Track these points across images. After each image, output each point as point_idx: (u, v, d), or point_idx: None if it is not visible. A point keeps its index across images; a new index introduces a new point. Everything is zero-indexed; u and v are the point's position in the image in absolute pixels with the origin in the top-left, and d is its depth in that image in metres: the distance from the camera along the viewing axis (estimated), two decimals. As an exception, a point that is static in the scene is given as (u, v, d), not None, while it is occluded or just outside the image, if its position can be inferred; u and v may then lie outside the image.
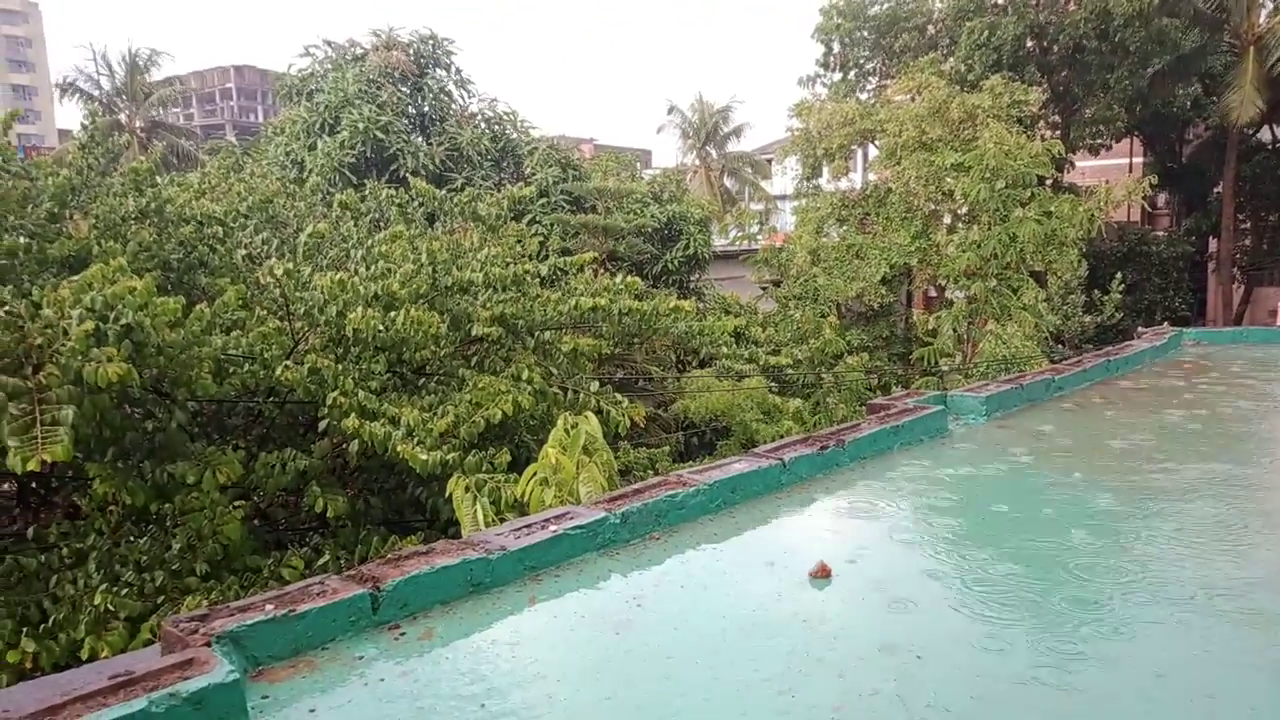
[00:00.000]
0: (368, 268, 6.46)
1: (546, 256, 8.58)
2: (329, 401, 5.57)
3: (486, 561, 2.62)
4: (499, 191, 9.23)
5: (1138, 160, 31.56)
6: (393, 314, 5.91)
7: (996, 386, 4.77)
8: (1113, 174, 28.68)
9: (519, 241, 8.24)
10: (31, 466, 4.16)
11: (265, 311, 6.59)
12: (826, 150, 21.07)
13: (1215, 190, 29.47)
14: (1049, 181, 19.11)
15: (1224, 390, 5.07)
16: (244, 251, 7.21)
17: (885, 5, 27.96)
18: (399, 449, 5.25)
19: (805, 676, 2.01)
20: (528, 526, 2.88)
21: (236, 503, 5.54)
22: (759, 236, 23.29)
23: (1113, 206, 17.77)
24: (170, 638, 1.99)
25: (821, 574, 2.60)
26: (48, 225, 7.14)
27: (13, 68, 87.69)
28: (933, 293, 22.16)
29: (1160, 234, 31.51)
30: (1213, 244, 29.81)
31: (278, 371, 5.69)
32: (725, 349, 10.12)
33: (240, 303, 6.65)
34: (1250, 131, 27.17)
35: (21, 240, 6.65)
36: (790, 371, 15.71)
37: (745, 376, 14.00)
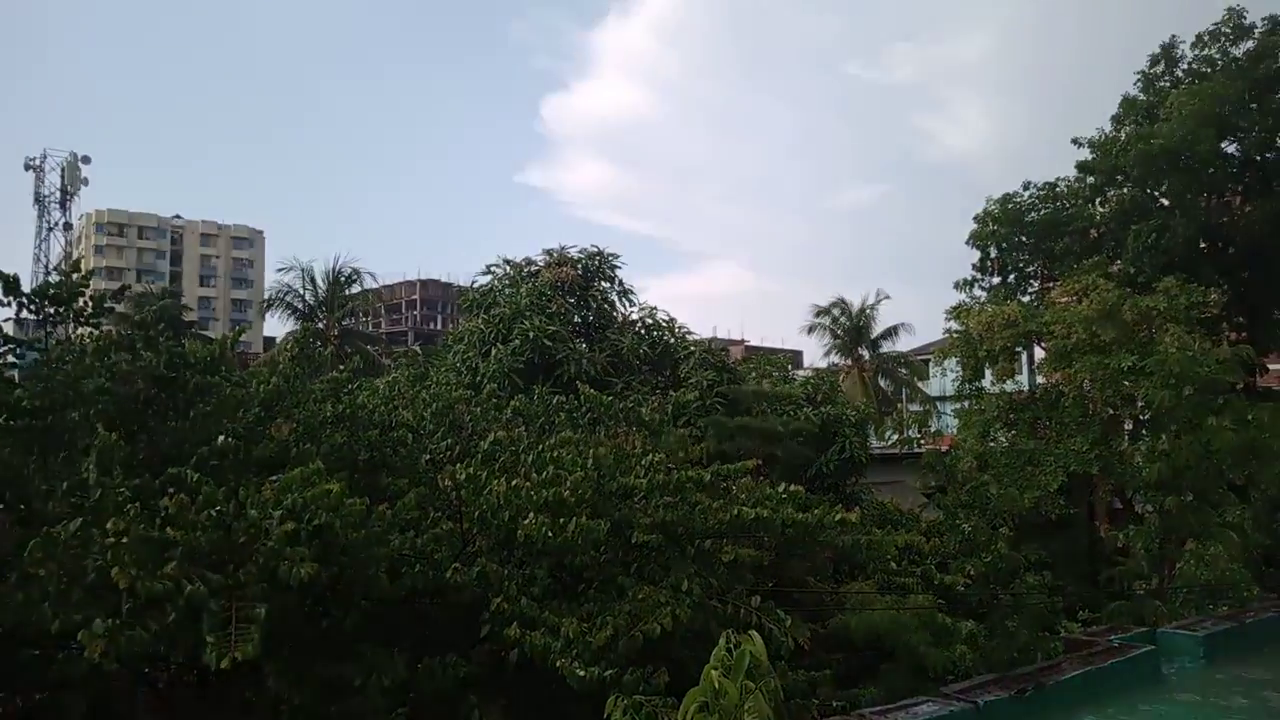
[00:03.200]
0: (538, 473, 6.69)
1: (706, 461, 8.64)
2: (493, 607, 5.62)
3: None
4: (656, 394, 9.50)
5: (1344, 361, 28.85)
6: (562, 521, 6.02)
7: (1213, 624, 4.25)
8: (1317, 377, 26.32)
9: (683, 448, 8.36)
10: (224, 665, 4.36)
11: (439, 513, 6.88)
12: (989, 351, 20.61)
13: None
14: (1240, 386, 17.75)
15: None
16: (427, 456, 7.66)
17: (1044, 211, 28.03)
18: (559, 663, 5.17)
19: None
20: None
21: (399, 709, 5.54)
22: (919, 440, 22.57)
23: (1323, 413, 16.15)
24: None
25: None
26: (255, 428, 7.87)
27: (235, 284, 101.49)
28: (1118, 504, 20.43)
29: (1386, 442, 28.13)
30: None
31: (447, 574, 5.83)
32: (894, 564, 9.53)
33: (418, 505, 6.98)
34: None
35: (231, 442, 7.34)
36: (962, 589, 14.59)
37: (910, 592, 13.09)
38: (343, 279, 42.19)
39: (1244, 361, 16.53)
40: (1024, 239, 28.15)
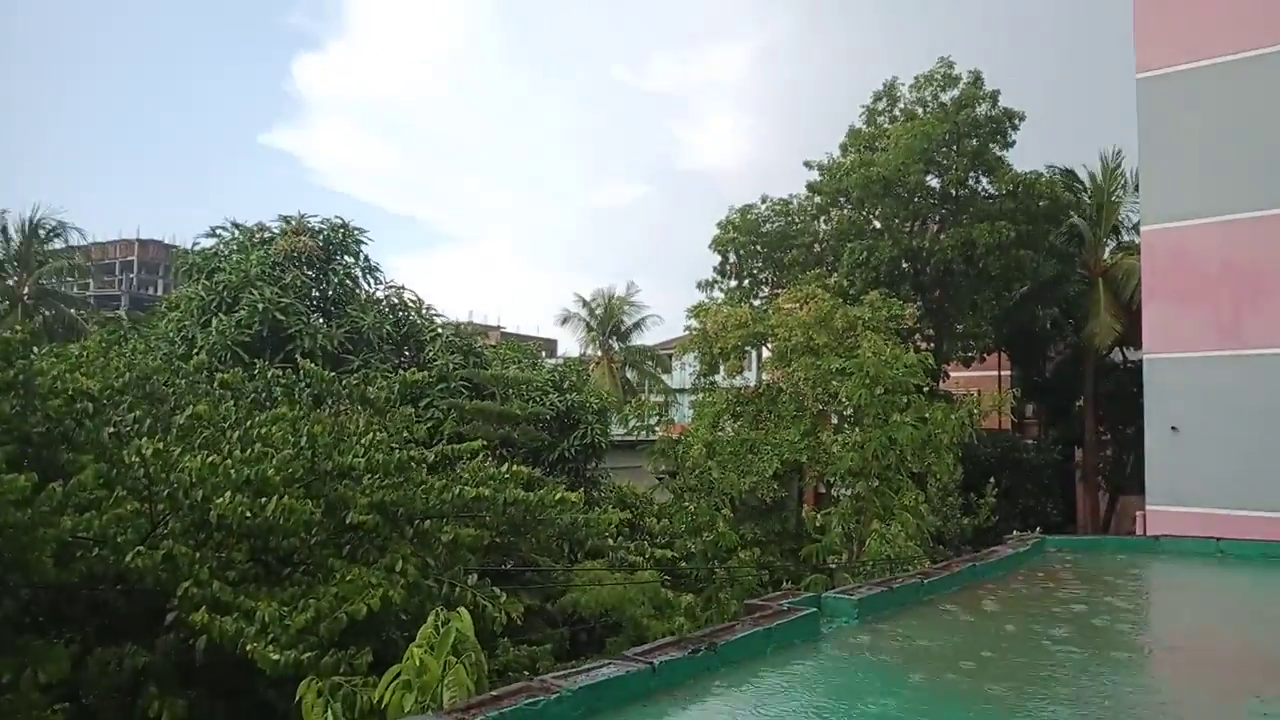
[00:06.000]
0: (243, 450, 6.24)
1: (441, 442, 8.51)
2: (180, 592, 5.18)
3: (320, 778, 2.41)
4: (396, 375, 9.25)
5: (1006, 373, 34.11)
6: (262, 500, 5.66)
7: (869, 589, 4.84)
8: (984, 384, 30.84)
9: (407, 426, 8.16)
10: None
11: (125, 492, 6.22)
12: (722, 349, 22.07)
13: (1077, 403, 31.93)
14: (925, 389, 20.38)
15: (1079, 595, 5.29)
16: (112, 429, 6.88)
17: (776, 224, 30.48)
18: (249, 647, 4.87)
19: None
20: (372, 738, 2.68)
21: (59, 705, 4.95)
22: (657, 428, 23.73)
23: (983, 414, 18.99)
24: None
25: (678, 790, 2.50)
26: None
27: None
28: (822, 490, 22.72)
29: (1030, 442, 33.58)
30: (1078, 453, 31.90)
31: (128, 558, 5.29)
32: (611, 541, 9.95)
33: (101, 482, 6.27)
34: (1105, 352, 29.96)
35: None
36: (683, 565, 15.56)
37: (637, 569, 13.76)
38: (42, 233, 36.79)
39: (928, 367, 18.98)
40: (759, 248, 30.43)
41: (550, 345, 49.46)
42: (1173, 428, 14.37)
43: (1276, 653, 4.19)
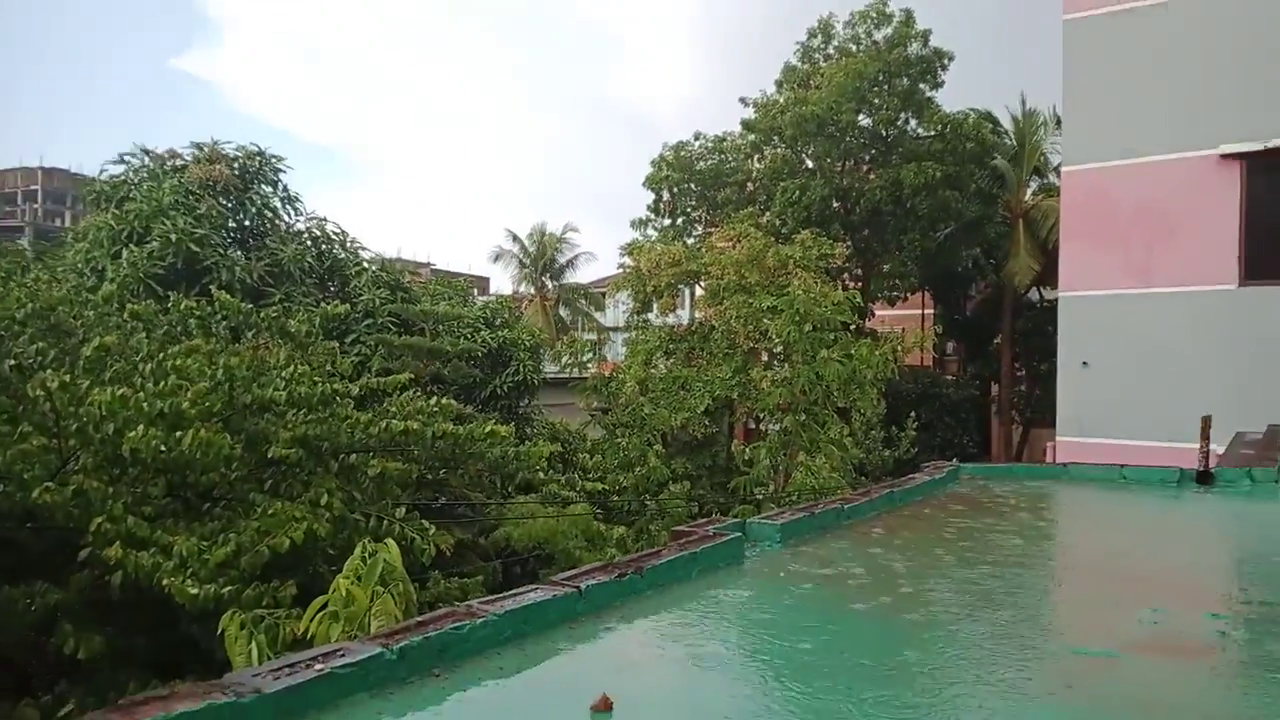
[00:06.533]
0: (156, 384, 6.00)
1: (366, 377, 8.33)
2: (93, 528, 5.01)
3: (236, 706, 2.36)
4: (317, 308, 8.96)
5: (929, 311, 35.03)
6: (178, 434, 5.47)
7: (791, 514, 4.96)
8: (909, 323, 31.62)
9: (331, 360, 7.95)
10: None
11: (31, 428, 5.94)
12: (655, 288, 22.09)
13: (995, 340, 33.06)
14: (852, 327, 20.81)
15: (991, 518, 5.52)
16: (13, 362, 6.53)
17: (710, 162, 30.32)
18: (166, 581, 4.76)
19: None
20: (291, 666, 2.63)
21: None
22: (590, 365, 23.77)
23: (906, 351, 19.52)
24: None
25: (603, 706, 2.54)
26: None
27: None
28: (752, 425, 23.18)
29: (950, 378, 34.76)
30: (994, 389, 33.15)
31: (35, 494, 5.08)
32: (542, 474, 9.99)
33: (4, 417, 5.98)
34: (1023, 291, 30.95)
35: None
36: (615, 498, 15.77)
37: (570, 503, 13.89)
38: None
39: (855, 306, 19.35)
40: (693, 186, 30.31)
41: (482, 283, 48.74)
42: (1083, 363, 15.00)
43: (1168, 568, 4.45)
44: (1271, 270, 13.72)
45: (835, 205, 28.91)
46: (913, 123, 29.14)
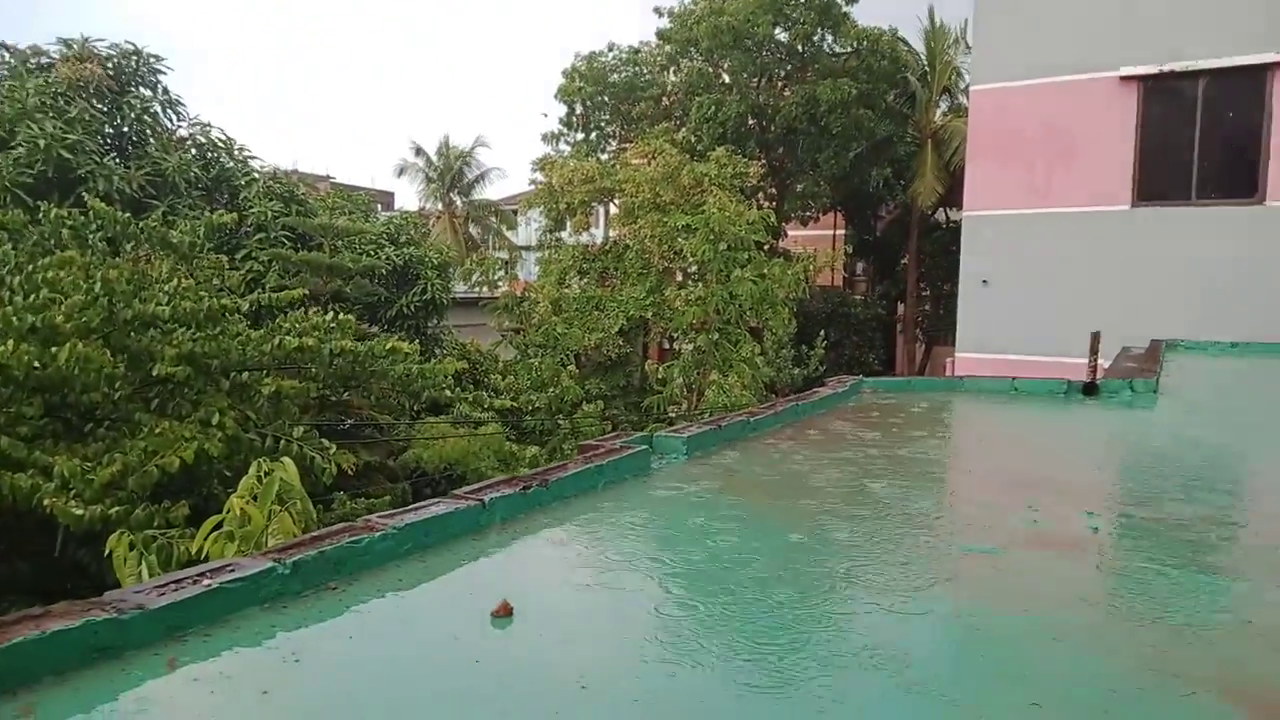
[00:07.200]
0: (26, 297, 5.57)
1: (258, 293, 7.93)
2: (-40, 451, 4.69)
3: (117, 623, 2.24)
4: (202, 218, 8.42)
5: (840, 232, 35.59)
6: (53, 349, 5.11)
7: (697, 427, 5.01)
8: (821, 243, 32.09)
9: (218, 274, 7.52)
10: None
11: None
12: (569, 205, 21.70)
13: (902, 261, 33.92)
14: (766, 247, 20.96)
15: (891, 428, 5.70)
16: None
17: (624, 74, 29.57)
18: (48, 503, 4.51)
19: (466, 718, 1.91)
20: (177, 582, 2.52)
21: None
22: (501, 284, 23.37)
23: (817, 271, 19.84)
24: None
25: (503, 612, 2.52)
26: None
27: None
28: (666, 345, 23.35)
29: (858, 298, 35.63)
30: (900, 308, 34.19)
31: (-108, 416, 4.70)
32: (449, 392, 9.82)
33: None
34: (929, 212, 31.67)
35: None
36: (528, 419, 15.75)
37: (482, 424, 13.80)
38: None
39: (769, 225, 19.45)
40: (606, 99, 29.57)
41: (387, 198, 46.94)
42: (983, 281, 15.53)
43: (1050, 472, 4.69)
44: (1162, 191, 14.35)
45: (751, 122, 28.72)
46: (829, 38, 28.96)
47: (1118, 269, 14.45)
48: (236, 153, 17.08)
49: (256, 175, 16.62)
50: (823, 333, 22.84)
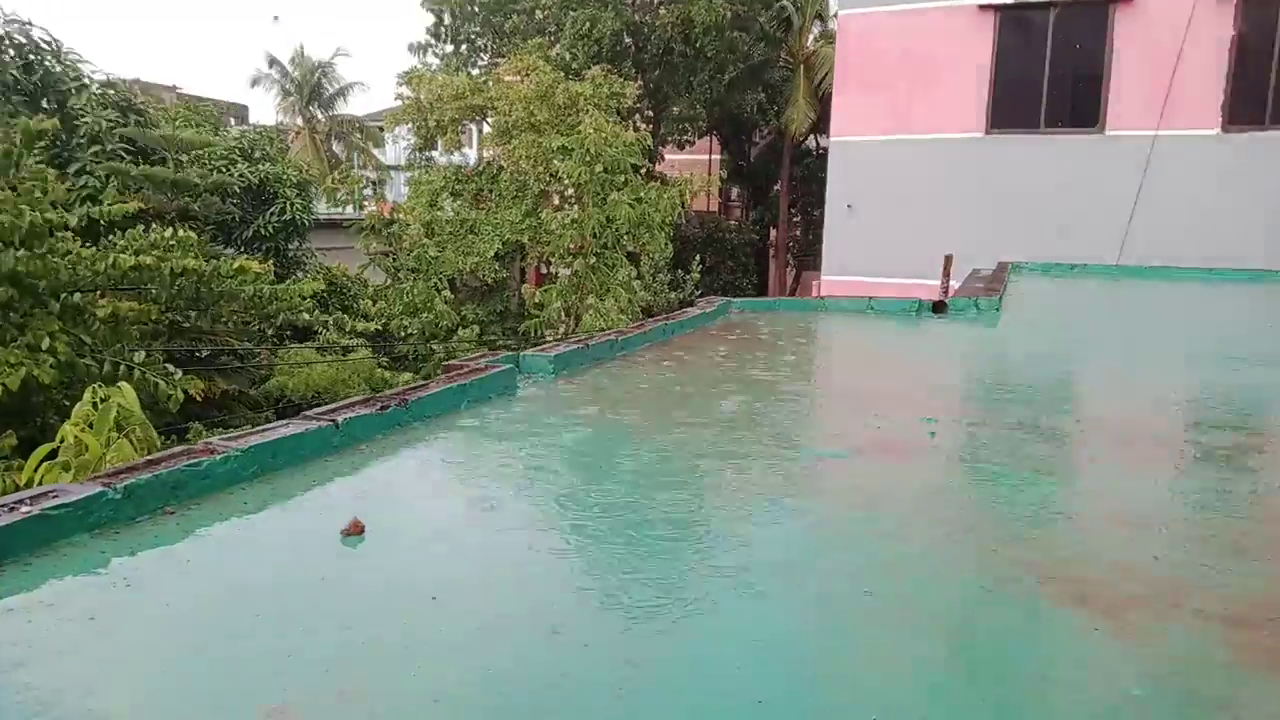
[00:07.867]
0: None
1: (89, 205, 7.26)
2: None
3: (-78, 556, 2.09)
4: (18, 122, 7.54)
5: (716, 156, 35.77)
6: None
7: (565, 347, 5.00)
8: (697, 168, 32.14)
9: (41, 186, 6.82)
10: None
11: None
12: (439, 123, 20.81)
13: (775, 187, 34.50)
14: (643, 170, 20.84)
15: (756, 346, 5.88)
16: None
17: (496, -18, 28.33)
18: None
19: (310, 635, 1.88)
20: (-5, 510, 2.35)
21: None
22: (368, 204, 22.38)
23: (693, 196, 19.92)
24: None
25: (354, 530, 2.48)
26: None
27: None
28: (544, 270, 23.07)
29: (733, 223, 36.14)
30: (773, 233, 34.93)
31: None
32: (307, 315, 9.40)
33: None
34: (801, 139, 32.18)
35: None
36: (401, 345, 15.35)
37: (351, 350, 13.37)
38: None
39: (645, 148, 19.30)
40: (476, 10, 28.30)
41: (241, 111, 43.70)
42: (848, 205, 16.02)
43: (898, 383, 4.96)
44: (1014, 120, 15.06)
45: (627, 41, 28.14)
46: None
47: (972, 195, 15.18)
48: (64, 56, 15.36)
49: (87, 81, 15.05)
50: (698, 257, 23.10)
